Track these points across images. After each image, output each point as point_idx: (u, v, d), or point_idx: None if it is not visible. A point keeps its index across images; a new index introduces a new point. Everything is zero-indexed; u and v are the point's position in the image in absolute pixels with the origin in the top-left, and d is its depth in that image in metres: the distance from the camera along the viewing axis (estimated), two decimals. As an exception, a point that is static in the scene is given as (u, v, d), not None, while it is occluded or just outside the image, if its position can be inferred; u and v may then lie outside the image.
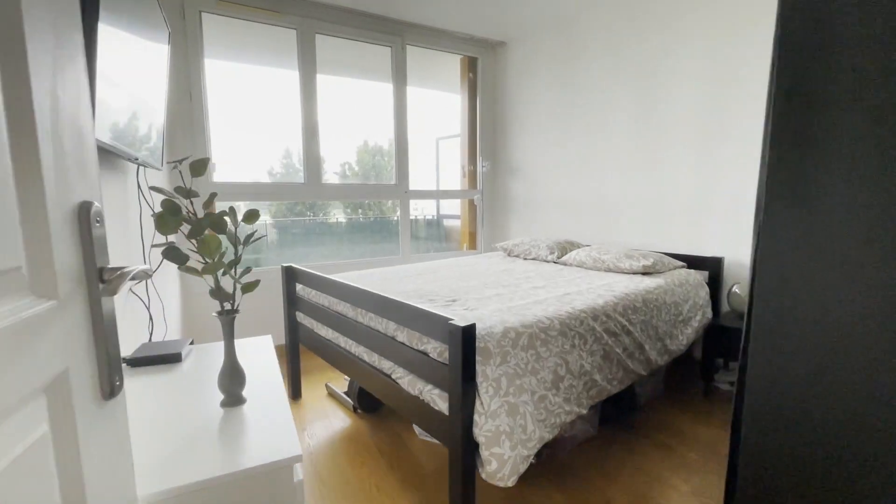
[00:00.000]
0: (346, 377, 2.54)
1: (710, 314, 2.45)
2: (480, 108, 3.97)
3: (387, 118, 3.58)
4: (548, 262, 2.94)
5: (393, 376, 1.62)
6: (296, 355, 2.44)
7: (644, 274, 2.45)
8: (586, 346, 1.68)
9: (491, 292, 2.01)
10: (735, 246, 2.58)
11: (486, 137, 4.02)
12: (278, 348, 3.01)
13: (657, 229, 2.92)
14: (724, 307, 2.61)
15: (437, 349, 1.41)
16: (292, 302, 2.37)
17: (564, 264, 2.82)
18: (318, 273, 2.12)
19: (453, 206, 4.53)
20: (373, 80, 3.85)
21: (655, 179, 2.89)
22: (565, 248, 3.00)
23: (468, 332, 1.23)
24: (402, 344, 1.56)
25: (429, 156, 4.63)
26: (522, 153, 3.80)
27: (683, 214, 2.78)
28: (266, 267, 3.20)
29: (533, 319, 1.57)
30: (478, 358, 1.33)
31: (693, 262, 2.67)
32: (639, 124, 2.94)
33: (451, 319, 1.30)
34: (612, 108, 3.08)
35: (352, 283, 1.84)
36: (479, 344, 1.34)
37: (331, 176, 3.76)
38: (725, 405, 2.30)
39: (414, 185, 3.64)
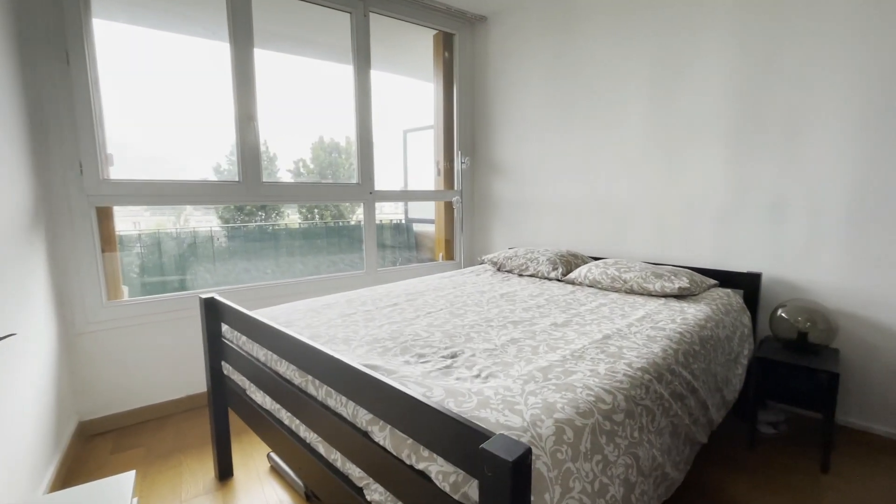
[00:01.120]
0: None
1: (752, 345, 2.00)
2: (458, 95, 3.38)
3: (346, 108, 2.92)
4: (550, 279, 2.41)
5: (366, 495, 1.01)
6: (223, 418, 1.75)
7: (678, 297, 1.96)
8: (654, 425, 1.14)
9: (503, 337, 1.43)
10: (774, 259, 2.14)
11: (464, 129, 3.44)
12: (201, 396, 2.35)
13: (677, 239, 2.45)
14: (763, 332, 2.18)
15: (447, 475, 0.80)
16: (216, 349, 1.68)
17: (573, 283, 2.29)
18: (251, 313, 1.46)
19: (424, 209, 3.92)
20: (330, 61, 3.18)
21: (675, 179, 2.42)
22: (569, 262, 2.47)
23: (521, 467, 0.64)
24: (383, 450, 0.94)
25: (395, 151, 4.01)
26: (508, 148, 3.24)
27: (710, 221, 2.32)
28: (194, 291, 2.46)
29: (587, 396, 1.01)
30: (524, 493, 0.74)
31: (724, 278, 2.22)
32: (654, 113, 2.45)
33: (483, 431, 0.71)
34: (621, 93, 2.58)
35: (297, 336, 1.20)
36: (523, 466, 0.76)
37: (283, 174, 3.07)
38: (778, 457, 1.85)
39: (379, 184, 3.00)
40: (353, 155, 2.96)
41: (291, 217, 3.61)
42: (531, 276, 2.49)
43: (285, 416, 1.31)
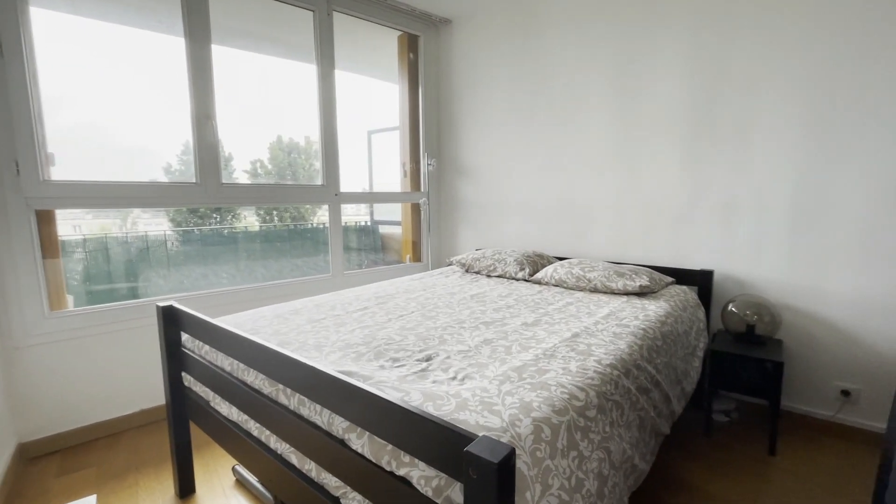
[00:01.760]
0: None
1: (707, 338, 2.12)
2: (423, 97, 3.38)
3: (306, 107, 2.85)
4: (518, 279, 2.45)
5: (344, 504, 0.99)
6: (184, 432, 1.66)
7: (639, 295, 2.05)
8: (623, 419, 1.19)
9: (476, 338, 1.44)
10: (725, 257, 2.28)
11: (430, 131, 3.45)
12: (157, 410, 2.21)
13: (637, 238, 2.56)
14: (716, 326, 2.31)
15: (430, 480, 0.80)
16: (175, 359, 1.60)
17: (540, 283, 2.34)
18: (214, 321, 1.39)
19: (390, 211, 3.89)
20: (291, 59, 3.09)
21: (634, 181, 2.53)
22: (536, 262, 2.53)
23: (506, 467, 0.65)
24: (361, 457, 0.92)
25: (360, 152, 3.95)
26: (474, 149, 3.28)
27: (667, 221, 2.44)
28: (148, 299, 2.32)
29: (561, 394, 1.03)
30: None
31: (680, 276, 2.35)
32: (615, 117, 2.55)
33: (466, 434, 0.71)
34: (582, 97, 2.67)
35: (266, 344, 1.16)
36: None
37: (240, 175, 2.95)
38: (731, 443, 1.97)
39: (344, 186, 2.95)
40: (314, 155, 2.89)
41: (249, 219, 3.48)
42: (499, 276, 2.52)
43: (254, 426, 1.26)
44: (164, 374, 1.61)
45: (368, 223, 4.01)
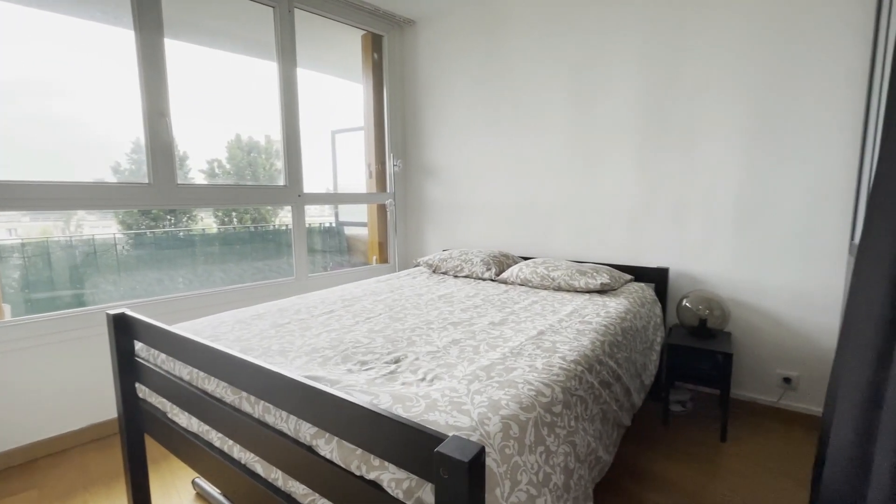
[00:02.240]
0: (224, 467, 1.74)
1: (663, 332, 2.23)
2: (388, 97, 3.36)
3: (267, 106, 2.78)
4: (485, 279, 2.48)
5: (313, 511, 0.97)
6: (138, 446, 1.58)
7: (600, 293, 2.13)
8: (587, 413, 1.23)
9: (444, 338, 1.45)
10: (679, 255, 2.40)
11: (395, 132, 3.43)
12: (108, 424, 2.07)
13: (597, 238, 2.65)
14: (671, 321, 2.43)
15: (400, 482, 0.80)
16: (128, 370, 1.51)
17: (506, 283, 2.38)
18: (171, 329, 1.33)
19: (355, 212, 3.84)
20: (251, 56, 3.00)
21: (594, 182, 2.62)
22: (502, 262, 2.57)
23: (476, 466, 0.66)
24: (330, 463, 0.91)
25: (324, 152, 3.88)
26: (440, 150, 3.29)
27: (625, 221, 2.54)
28: (97, 306, 2.18)
29: (528, 391, 1.06)
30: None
31: (638, 273, 2.45)
32: (575, 121, 2.64)
33: (436, 434, 0.72)
34: (545, 101, 2.74)
35: (228, 351, 1.12)
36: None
37: (196, 175, 2.83)
38: (686, 431, 2.08)
39: (308, 186, 2.89)
40: (275, 155, 2.82)
41: (206, 221, 3.34)
42: (466, 276, 2.55)
43: (215, 437, 1.22)
44: (116, 386, 1.52)
45: (333, 225, 3.95)
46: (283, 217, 3.33)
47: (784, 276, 2.13)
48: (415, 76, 3.35)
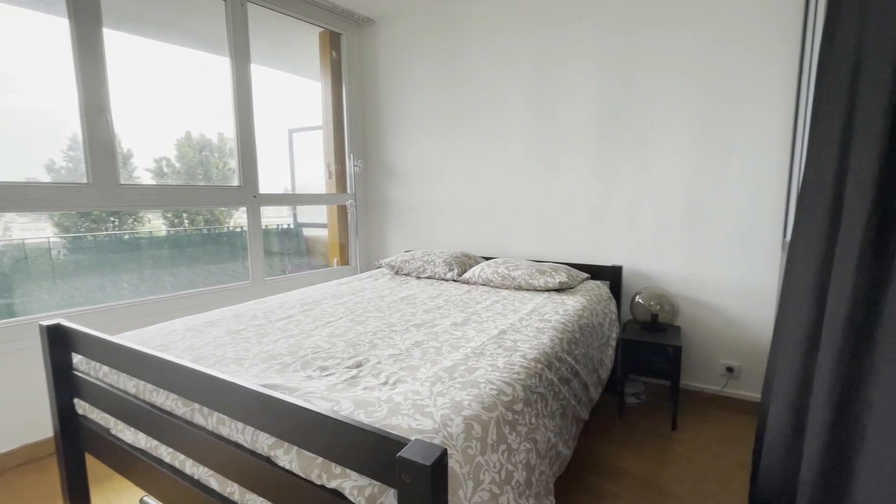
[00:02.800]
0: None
1: (618, 328, 2.32)
2: (347, 96, 3.31)
3: (220, 102, 2.66)
4: (447, 280, 2.49)
5: (272, 524, 0.94)
6: (78, 466, 1.47)
7: (559, 291, 2.19)
8: (548, 410, 1.26)
9: (406, 341, 1.44)
10: (632, 253, 2.51)
11: (355, 131, 3.38)
12: (44, 444, 1.89)
13: (556, 238, 2.72)
14: (626, 317, 2.53)
15: (362, 489, 0.79)
16: (66, 384, 1.41)
17: (468, 283, 2.41)
18: (114, 339, 1.25)
19: (315, 213, 3.76)
20: (202, 51, 2.86)
21: (552, 184, 2.69)
22: (464, 262, 2.59)
23: (438, 469, 0.66)
24: (290, 474, 0.89)
25: (281, 151, 3.77)
26: (401, 151, 3.27)
27: (582, 222, 2.63)
28: (29, 317, 2.01)
29: (490, 391, 1.08)
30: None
31: (594, 271, 2.54)
32: (535, 124, 2.70)
33: (398, 439, 0.71)
34: (505, 104, 2.78)
35: (178, 361, 1.07)
36: (438, 467, 0.78)
37: (143, 174, 2.67)
38: (640, 422, 2.18)
39: (264, 187, 2.80)
40: (229, 154, 2.71)
41: (154, 223, 3.16)
42: (429, 277, 2.55)
43: (165, 452, 1.16)
44: (52, 402, 1.41)
45: (292, 226, 3.84)
46: (238, 218, 3.20)
47: (726, 272, 2.27)
48: (375, 75, 3.32)
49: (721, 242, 2.27)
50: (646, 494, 1.65)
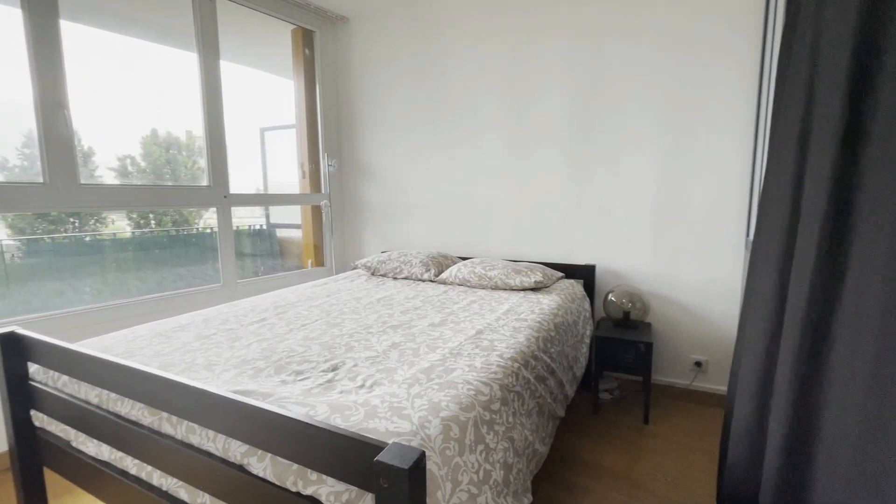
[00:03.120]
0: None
1: (592, 326, 2.37)
2: (321, 94, 3.26)
3: (188, 99, 2.58)
4: (424, 280, 2.49)
5: (245, 534, 0.91)
6: (36, 481, 1.40)
7: (534, 290, 2.22)
8: (524, 408, 1.27)
9: (383, 343, 1.43)
10: (604, 253, 2.56)
11: (329, 130, 3.33)
12: None
13: (531, 237, 2.76)
14: (599, 314, 2.59)
15: (339, 495, 0.78)
16: (21, 396, 1.33)
17: (445, 283, 2.41)
18: (74, 347, 1.19)
19: (288, 214, 3.68)
20: (169, 46, 2.76)
21: (527, 184, 2.72)
22: (440, 262, 2.59)
23: (417, 472, 0.66)
24: (264, 482, 0.87)
25: (252, 150, 3.68)
26: (377, 150, 3.25)
27: (556, 222, 2.67)
28: (-30, 325, 1.89)
29: (467, 391, 1.08)
30: (417, 496, 0.76)
31: (568, 270, 2.58)
32: (510, 125, 2.72)
33: (375, 443, 0.71)
34: (480, 105, 2.80)
35: (144, 368, 1.03)
36: (416, 469, 0.78)
37: (105, 174, 2.56)
38: (614, 417, 2.23)
39: (235, 186, 2.72)
40: (198, 152, 2.63)
41: (119, 224, 3.03)
42: (405, 278, 2.54)
43: (131, 464, 1.11)
44: (6, 415, 1.33)
45: (264, 227, 3.75)
46: (209, 219, 3.11)
47: (693, 270, 2.35)
48: (349, 74, 3.28)
49: (688, 241, 2.34)
50: (620, 488, 1.69)
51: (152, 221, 3.15)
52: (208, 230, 3.11)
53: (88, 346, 1.35)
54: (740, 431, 1.20)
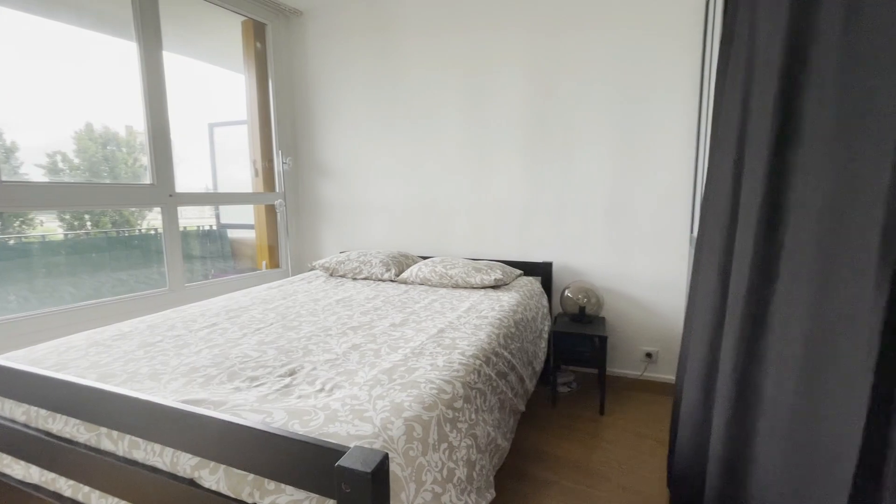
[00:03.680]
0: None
1: (550, 321, 2.43)
2: (275, 90, 3.14)
3: (127, 92, 2.41)
4: (385, 280, 2.46)
5: (197, 551, 0.86)
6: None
7: (494, 288, 2.25)
8: (486, 404, 1.29)
9: (343, 344, 1.40)
10: (561, 250, 2.64)
11: (284, 127, 3.22)
12: None
13: (490, 236, 2.79)
14: (556, 310, 2.66)
15: (299, 503, 0.75)
16: (-67, 417, 1.19)
17: (406, 283, 2.39)
18: (-3, 360, 1.08)
19: (241, 214, 3.53)
20: (104, 33, 2.56)
21: (487, 184, 2.75)
22: (401, 262, 2.57)
23: (379, 475, 0.65)
24: (217, 495, 0.82)
25: (200, 147, 3.49)
26: (335, 149, 3.17)
27: (515, 220, 2.72)
28: None
29: (430, 390, 1.08)
30: (381, 499, 0.75)
31: (527, 268, 2.64)
32: (469, 125, 2.74)
33: (335, 448, 0.69)
34: (439, 104, 2.80)
35: (78, 381, 0.95)
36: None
37: (32, 171, 2.34)
38: (572, 409, 2.30)
39: (181, 185, 2.58)
40: (139, 149, 2.46)
41: (49, 226, 2.79)
42: (365, 279, 2.50)
43: (65, 485, 1.02)
44: (-86, 440, 1.19)
45: (215, 227, 3.57)
46: (153, 220, 2.92)
47: (643, 266, 2.47)
48: (304, 69, 3.18)
49: (638, 238, 2.46)
50: (578, 478, 1.75)
51: (88, 223, 2.92)
52: (152, 231, 2.92)
53: (13, 360, 1.23)
54: (688, 417, 1.27)
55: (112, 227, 3.01)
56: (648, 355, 2.51)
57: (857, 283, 0.69)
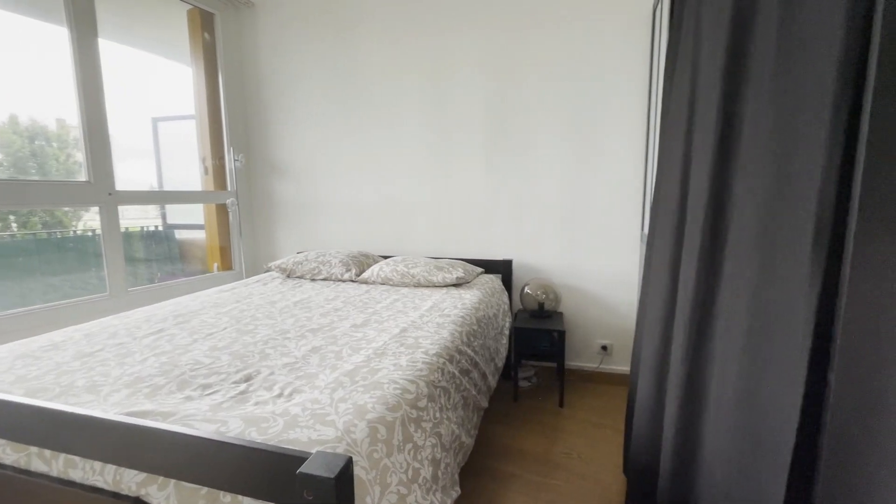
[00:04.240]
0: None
1: (511, 318, 2.47)
2: (224, 84, 3.00)
3: (57, 83, 2.22)
4: (345, 281, 2.41)
5: (145, 573, 0.81)
6: None
7: (456, 286, 2.25)
8: (450, 402, 1.29)
9: (302, 347, 1.36)
10: (520, 248, 2.69)
11: (235, 123, 3.08)
12: None
13: (451, 235, 2.80)
14: (516, 307, 2.71)
15: (258, 513, 0.72)
16: None
17: (367, 283, 2.35)
18: None
19: (190, 213, 3.34)
20: (28, 17, 2.34)
21: (448, 183, 2.76)
22: (362, 262, 2.53)
23: (344, 480, 0.63)
24: (167, 511, 0.77)
25: (143, 142, 3.28)
26: (290, 146, 3.07)
27: (475, 219, 2.74)
28: None
29: (394, 391, 1.06)
30: None
31: (487, 266, 2.67)
32: (428, 123, 2.73)
33: (296, 454, 0.66)
34: (400, 101, 2.77)
35: (2, 397, 0.86)
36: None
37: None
38: (533, 403, 2.35)
39: (122, 183, 2.41)
40: (73, 144, 2.28)
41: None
42: (325, 279, 2.44)
43: (-10, 512, 0.93)
44: None
45: (160, 228, 3.36)
46: (90, 220, 2.71)
47: (598, 262, 2.56)
48: (257, 63, 3.06)
49: (592, 235, 2.54)
50: (540, 470, 1.79)
51: (13, 224, 2.66)
52: (89, 233, 2.71)
53: (-76, 376, 1.10)
54: (642, 406, 1.33)
55: (42, 229, 2.77)
56: (604, 348, 2.61)
57: (793, 276, 0.75)
